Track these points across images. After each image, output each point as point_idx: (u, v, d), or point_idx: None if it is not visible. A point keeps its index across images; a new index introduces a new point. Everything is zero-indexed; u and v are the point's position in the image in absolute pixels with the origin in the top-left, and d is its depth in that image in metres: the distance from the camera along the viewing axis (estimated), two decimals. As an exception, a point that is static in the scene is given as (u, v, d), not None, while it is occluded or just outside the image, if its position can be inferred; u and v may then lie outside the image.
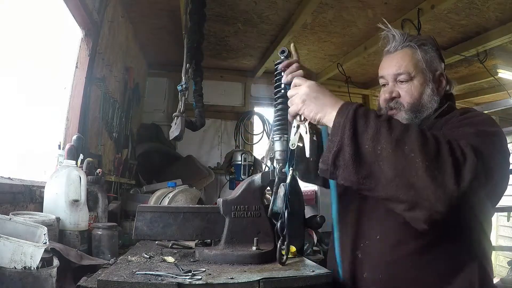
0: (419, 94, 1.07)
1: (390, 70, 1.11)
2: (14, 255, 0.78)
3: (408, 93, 1.07)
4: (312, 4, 2.54)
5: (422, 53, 1.08)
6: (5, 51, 1.46)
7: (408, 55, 1.09)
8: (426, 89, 1.07)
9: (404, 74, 1.07)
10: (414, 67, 1.07)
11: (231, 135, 4.23)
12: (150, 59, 3.85)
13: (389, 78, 1.11)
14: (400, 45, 1.10)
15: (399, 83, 1.09)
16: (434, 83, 1.09)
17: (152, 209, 1.13)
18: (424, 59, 1.08)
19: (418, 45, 1.09)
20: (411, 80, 1.07)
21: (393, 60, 1.11)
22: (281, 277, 0.87)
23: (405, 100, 1.08)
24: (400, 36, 1.11)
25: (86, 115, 2.00)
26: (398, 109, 1.08)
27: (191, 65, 2.24)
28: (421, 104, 1.07)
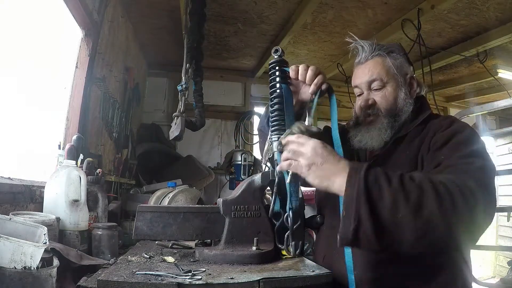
0: (394, 99, 1.11)
1: (363, 78, 1.14)
2: (14, 255, 0.79)
3: (383, 99, 1.11)
4: (312, 4, 2.54)
5: (392, 60, 1.13)
6: (5, 51, 1.46)
7: (379, 63, 1.13)
8: (400, 93, 1.11)
9: (377, 81, 1.11)
10: (385, 74, 1.11)
11: (231, 135, 4.23)
12: (150, 59, 3.85)
13: (363, 87, 1.15)
14: (370, 55, 1.14)
15: (373, 91, 1.13)
16: (406, 86, 1.13)
17: (152, 209, 1.13)
18: (394, 65, 1.12)
19: (387, 53, 1.13)
20: (384, 87, 1.11)
21: (365, 69, 1.15)
22: (281, 277, 0.87)
23: (382, 106, 1.11)
24: (369, 47, 1.15)
25: (86, 115, 2.00)
26: (376, 115, 1.12)
27: (191, 65, 2.24)
28: (398, 108, 1.11)
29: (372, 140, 1.11)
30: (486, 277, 4.36)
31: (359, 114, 1.16)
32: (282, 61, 1.09)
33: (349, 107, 4.49)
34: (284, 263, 1.02)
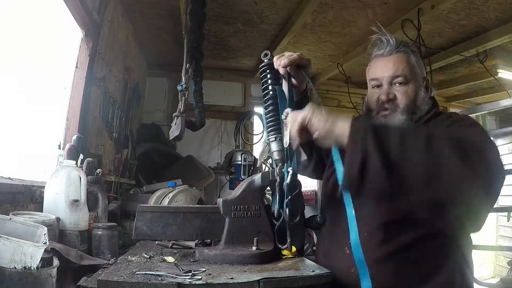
0: (414, 96, 1.11)
1: (386, 72, 1.13)
2: (14, 255, 0.79)
3: (405, 95, 1.11)
4: (312, 4, 2.54)
5: (415, 58, 1.15)
6: (5, 51, 1.46)
7: (404, 59, 1.13)
8: (420, 92, 1.13)
9: (401, 77, 1.11)
10: (409, 71, 1.12)
11: (231, 135, 4.23)
12: (150, 59, 3.85)
13: (384, 81, 1.14)
14: (395, 50, 1.14)
15: (395, 85, 1.12)
16: (424, 86, 1.16)
17: (152, 209, 1.13)
18: (418, 64, 1.15)
19: (411, 51, 1.15)
20: (407, 84, 1.11)
21: (389, 63, 1.14)
22: (281, 277, 0.87)
23: (402, 102, 1.11)
24: (395, 41, 1.15)
25: (86, 115, 2.00)
26: (393, 110, 1.11)
27: (191, 65, 2.24)
28: (416, 106, 1.11)
29: None
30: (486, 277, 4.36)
31: (375, 106, 1.15)
32: (272, 65, 1.09)
33: (350, 107, 4.50)
34: (284, 263, 1.02)
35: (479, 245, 3.28)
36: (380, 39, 1.18)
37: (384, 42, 1.16)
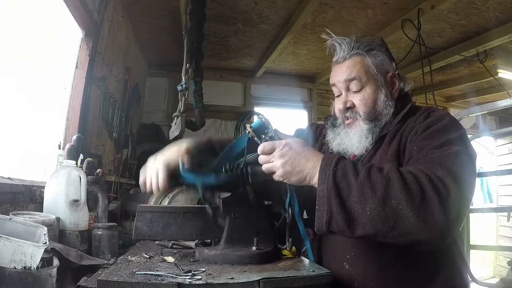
0: (373, 102, 1.07)
1: (341, 77, 1.10)
2: (14, 255, 0.79)
3: (362, 102, 1.07)
4: (312, 4, 2.54)
5: (371, 58, 1.08)
6: (5, 51, 1.46)
7: (357, 62, 1.08)
8: (380, 95, 1.07)
9: (356, 80, 1.07)
10: (365, 74, 1.07)
11: (231, 135, 4.22)
12: (150, 59, 3.85)
13: (341, 86, 1.11)
14: (348, 54, 1.10)
15: (352, 92, 1.09)
16: (387, 86, 1.09)
17: (152, 209, 1.13)
18: (374, 64, 1.08)
19: (366, 51, 1.09)
20: (363, 88, 1.07)
21: (342, 68, 1.11)
22: (281, 277, 0.87)
23: (360, 110, 1.07)
24: (347, 45, 1.10)
25: (86, 115, 2.00)
26: (354, 118, 1.09)
27: (191, 65, 2.25)
28: (377, 112, 1.07)
29: (352, 147, 1.08)
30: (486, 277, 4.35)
31: (338, 116, 1.13)
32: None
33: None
34: (284, 263, 1.02)
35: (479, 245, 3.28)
36: (333, 45, 1.14)
37: (337, 47, 1.13)
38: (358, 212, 0.79)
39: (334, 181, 0.81)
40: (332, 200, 0.80)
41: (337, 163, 0.84)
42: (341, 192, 0.81)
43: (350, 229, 0.80)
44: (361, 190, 0.79)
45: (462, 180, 0.81)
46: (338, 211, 0.80)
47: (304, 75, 4.50)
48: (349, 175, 0.82)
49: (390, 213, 0.77)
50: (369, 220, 0.78)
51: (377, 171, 0.82)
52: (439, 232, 0.78)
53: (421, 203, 0.77)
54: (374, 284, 0.97)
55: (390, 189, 0.78)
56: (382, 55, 1.10)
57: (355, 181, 0.81)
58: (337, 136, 1.12)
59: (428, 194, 0.77)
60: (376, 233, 0.79)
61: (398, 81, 1.11)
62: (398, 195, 0.77)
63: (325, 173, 0.83)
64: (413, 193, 0.77)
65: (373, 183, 0.80)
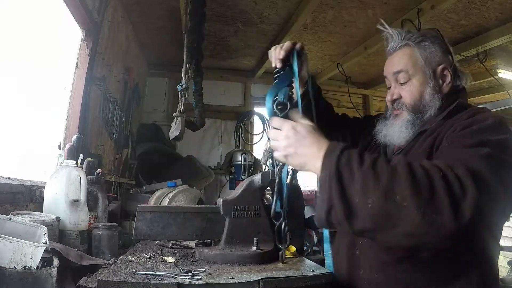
0: (419, 94, 1.05)
1: (389, 69, 1.11)
2: (14, 255, 0.79)
3: (408, 94, 1.06)
4: (312, 4, 2.54)
5: (421, 50, 1.06)
6: (6, 51, 1.46)
7: (406, 54, 1.08)
8: (426, 87, 1.05)
9: (403, 73, 1.06)
10: (412, 66, 1.06)
11: (231, 135, 4.23)
12: (150, 59, 3.85)
13: (390, 78, 1.11)
14: (398, 45, 1.09)
15: (399, 84, 1.09)
16: (436, 79, 1.05)
17: (152, 209, 1.13)
18: (423, 56, 1.06)
19: (417, 42, 1.07)
20: (410, 80, 1.06)
21: (392, 60, 1.11)
22: (281, 277, 0.87)
23: (406, 101, 1.07)
24: (398, 36, 1.09)
25: (86, 115, 2.00)
26: (401, 109, 1.08)
27: (191, 65, 2.24)
28: (422, 104, 1.04)
29: (393, 137, 1.08)
30: (486, 277, 4.35)
31: (389, 107, 1.13)
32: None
33: (349, 107, 4.50)
34: (284, 263, 1.02)
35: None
36: (386, 36, 1.13)
37: (389, 39, 1.12)
38: (359, 204, 0.73)
39: (336, 168, 0.77)
40: (333, 188, 0.76)
41: (342, 151, 0.80)
42: (342, 180, 0.76)
43: (349, 222, 0.75)
44: (364, 179, 0.74)
45: (486, 184, 0.72)
46: (338, 200, 0.75)
47: (304, 75, 4.49)
48: (353, 162, 0.77)
49: (393, 208, 0.71)
50: (369, 214, 0.72)
51: (384, 161, 0.77)
52: (446, 237, 0.71)
53: (429, 202, 0.70)
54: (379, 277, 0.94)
55: (395, 182, 0.72)
56: (434, 47, 1.07)
57: (358, 169, 0.75)
58: (384, 127, 1.12)
59: (438, 192, 0.70)
60: (376, 229, 0.74)
61: (451, 75, 1.06)
62: (403, 190, 0.71)
63: (329, 160, 0.80)
64: (421, 189, 0.71)
65: (378, 173, 0.74)
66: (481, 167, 0.75)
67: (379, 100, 4.78)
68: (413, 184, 0.71)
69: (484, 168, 0.75)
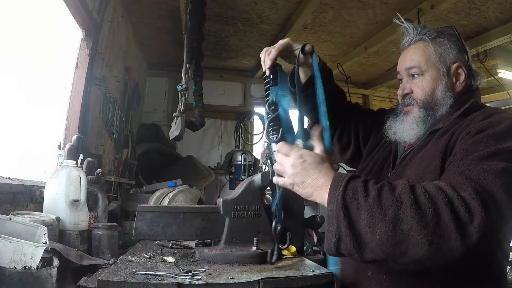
0: (431, 90, 1.03)
1: (402, 64, 1.09)
2: (14, 255, 0.79)
3: (419, 89, 1.04)
4: (312, 4, 2.54)
5: (436, 46, 1.04)
6: (5, 51, 1.46)
7: (420, 48, 1.05)
8: (439, 84, 1.02)
9: (415, 68, 1.04)
10: (425, 61, 1.03)
11: (231, 135, 4.23)
12: (150, 59, 3.85)
13: (403, 73, 1.09)
14: (413, 39, 1.07)
15: (411, 78, 1.06)
16: (450, 77, 1.03)
17: (152, 209, 1.13)
18: (437, 52, 1.03)
19: (432, 38, 1.05)
20: (422, 75, 1.04)
21: (406, 55, 1.09)
22: (281, 277, 0.87)
23: (417, 96, 1.05)
24: (413, 30, 1.07)
25: (86, 115, 2.00)
26: (412, 105, 1.06)
27: (191, 65, 2.25)
28: (434, 101, 1.02)
29: (403, 133, 1.05)
30: (486, 277, 4.34)
31: (400, 102, 1.11)
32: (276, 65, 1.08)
33: (349, 107, 4.50)
34: (284, 263, 1.02)
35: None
36: (402, 30, 1.11)
37: (404, 32, 1.10)
38: (367, 236, 0.74)
39: (343, 202, 0.77)
40: (341, 221, 0.76)
41: (347, 183, 0.79)
42: (350, 214, 0.76)
43: (359, 253, 0.76)
44: (371, 213, 0.75)
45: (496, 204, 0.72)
46: (347, 233, 0.76)
47: (304, 75, 4.49)
48: (359, 196, 0.77)
49: (401, 238, 0.72)
50: (378, 245, 0.73)
51: (388, 192, 0.76)
52: (455, 259, 0.72)
53: (436, 229, 0.70)
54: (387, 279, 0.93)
55: (402, 213, 0.73)
56: (450, 44, 1.04)
57: (364, 203, 0.76)
58: (393, 124, 1.10)
59: (444, 219, 0.71)
60: (386, 258, 0.75)
61: (465, 74, 1.04)
62: (409, 220, 0.72)
63: (335, 193, 0.80)
64: (427, 218, 0.71)
65: (383, 206, 0.74)
66: (493, 185, 0.74)
67: (379, 100, 4.78)
68: (418, 213, 0.72)
69: (497, 186, 0.74)
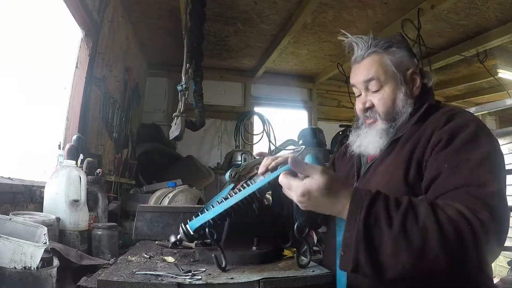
0: (392, 101, 1.03)
1: (359, 77, 1.07)
2: (14, 255, 0.78)
3: (381, 102, 1.04)
4: (312, 4, 2.54)
5: (390, 56, 1.04)
6: (5, 51, 1.46)
7: (375, 61, 1.04)
8: (399, 94, 1.03)
9: (374, 80, 1.04)
10: (383, 73, 1.03)
11: (231, 135, 4.23)
12: (150, 59, 3.85)
13: (360, 87, 1.08)
14: (366, 52, 1.06)
15: (371, 92, 1.06)
16: (407, 84, 1.04)
17: (152, 209, 1.13)
18: (393, 62, 1.03)
19: (384, 49, 1.05)
20: (382, 88, 1.04)
21: (360, 68, 1.07)
22: (281, 277, 0.87)
23: (379, 109, 1.04)
24: (364, 43, 1.07)
25: (86, 115, 2.00)
26: (374, 118, 1.06)
27: (191, 65, 2.25)
28: (395, 111, 1.03)
29: (368, 147, 1.05)
30: (486, 277, 4.33)
31: (360, 116, 1.10)
32: None
33: (349, 107, 4.51)
34: (284, 263, 1.02)
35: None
36: (351, 45, 1.10)
37: (354, 46, 1.09)
38: (390, 264, 0.73)
39: (364, 230, 0.73)
40: (361, 250, 0.73)
41: (369, 209, 0.74)
42: (371, 243, 0.73)
43: (377, 276, 0.74)
44: (395, 242, 0.72)
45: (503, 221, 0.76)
46: (367, 262, 0.73)
47: (304, 75, 4.50)
48: (382, 222, 0.73)
49: (425, 266, 0.73)
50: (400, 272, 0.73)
51: (413, 220, 0.73)
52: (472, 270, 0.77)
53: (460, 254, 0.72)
54: None
55: (427, 243, 0.71)
56: (402, 51, 1.06)
57: (388, 232, 0.72)
58: (357, 137, 1.10)
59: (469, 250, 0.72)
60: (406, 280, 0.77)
61: (419, 78, 1.05)
62: (435, 250, 0.71)
63: (354, 219, 0.74)
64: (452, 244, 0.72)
65: (409, 235, 0.72)
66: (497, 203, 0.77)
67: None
68: (444, 243, 0.71)
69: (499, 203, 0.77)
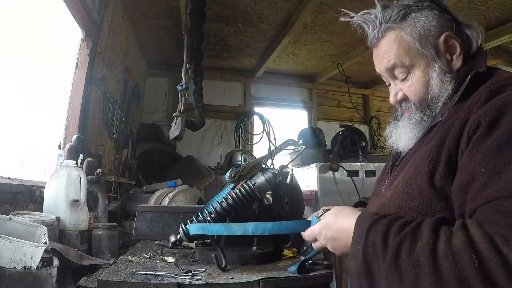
0: (424, 87, 0.83)
1: (380, 66, 0.90)
2: (14, 255, 0.79)
3: (411, 91, 0.86)
4: (312, 4, 2.54)
5: (409, 28, 0.83)
6: (5, 51, 1.46)
7: (391, 41, 0.85)
8: (432, 73, 0.82)
9: (398, 67, 0.85)
10: (406, 54, 0.83)
11: (231, 135, 4.23)
12: (150, 59, 3.85)
13: (386, 76, 0.91)
14: (379, 32, 0.87)
15: (399, 80, 0.88)
16: (442, 56, 0.82)
17: (152, 209, 1.13)
18: (416, 35, 0.82)
19: (400, 20, 0.84)
20: (410, 73, 0.85)
21: (379, 54, 0.89)
22: (281, 277, 0.87)
23: (412, 100, 0.87)
24: (373, 21, 0.88)
25: (86, 115, 2.00)
26: (410, 109, 0.88)
27: (191, 65, 2.25)
28: (431, 97, 0.83)
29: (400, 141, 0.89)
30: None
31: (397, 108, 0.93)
32: None
33: (349, 107, 4.51)
34: (284, 263, 1.02)
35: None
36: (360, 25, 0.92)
37: (365, 27, 0.90)
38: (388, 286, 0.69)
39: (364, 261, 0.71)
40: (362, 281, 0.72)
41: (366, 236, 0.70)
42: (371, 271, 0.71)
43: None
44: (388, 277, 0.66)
45: None
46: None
47: (304, 75, 4.50)
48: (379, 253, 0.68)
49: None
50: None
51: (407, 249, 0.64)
52: None
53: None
54: None
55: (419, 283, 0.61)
56: (425, 14, 0.83)
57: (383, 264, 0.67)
58: (394, 130, 0.92)
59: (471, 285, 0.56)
60: None
61: (458, 42, 0.81)
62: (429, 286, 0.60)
63: (356, 248, 0.73)
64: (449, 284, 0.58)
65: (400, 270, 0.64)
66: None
67: (379, 100, 4.78)
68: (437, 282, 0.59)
69: None
